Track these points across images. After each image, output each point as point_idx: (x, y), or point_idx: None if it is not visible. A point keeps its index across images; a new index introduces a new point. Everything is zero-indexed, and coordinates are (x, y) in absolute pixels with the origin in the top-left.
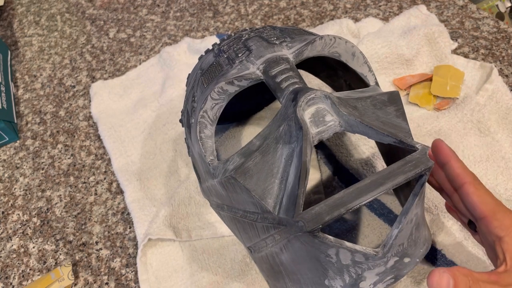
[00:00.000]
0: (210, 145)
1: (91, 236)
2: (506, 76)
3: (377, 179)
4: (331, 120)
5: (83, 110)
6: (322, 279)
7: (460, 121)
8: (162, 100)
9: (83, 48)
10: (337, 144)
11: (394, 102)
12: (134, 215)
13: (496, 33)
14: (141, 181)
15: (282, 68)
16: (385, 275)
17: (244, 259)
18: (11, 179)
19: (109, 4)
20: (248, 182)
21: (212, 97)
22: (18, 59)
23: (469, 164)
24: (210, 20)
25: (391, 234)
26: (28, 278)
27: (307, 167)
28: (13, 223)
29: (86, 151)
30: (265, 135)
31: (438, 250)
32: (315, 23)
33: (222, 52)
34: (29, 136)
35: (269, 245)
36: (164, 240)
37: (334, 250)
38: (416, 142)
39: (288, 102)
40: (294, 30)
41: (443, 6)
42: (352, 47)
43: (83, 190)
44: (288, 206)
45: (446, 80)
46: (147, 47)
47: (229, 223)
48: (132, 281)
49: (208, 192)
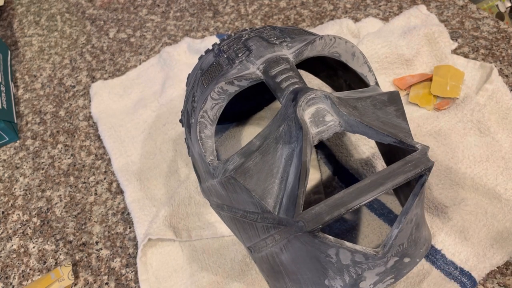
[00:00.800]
0: (210, 145)
1: (91, 236)
2: (506, 76)
3: (377, 179)
4: (331, 120)
5: (83, 110)
6: (322, 279)
7: (460, 121)
8: (162, 100)
9: (83, 48)
10: (337, 144)
11: (394, 102)
12: (134, 215)
13: (496, 33)
14: (141, 181)
15: (282, 68)
16: (385, 275)
17: (244, 259)
18: (11, 179)
19: (109, 4)
20: (248, 182)
21: (212, 97)
22: (18, 59)
23: (469, 164)
24: (210, 20)
25: (391, 234)
26: (28, 278)
27: (307, 167)
28: (13, 223)
29: (86, 151)
30: (265, 135)
31: (438, 250)
32: (315, 23)
33: (222, 52)
34: (29, 136)
35: (269, 245)
36: (164, 240)
37: (334, 250)
38: (416, 142)
39: (288, 102)
40: (294, 30)
41: (443, 6)
42: (352, 47)
43: (83, 190)
44: (288, 206)
45: (446, 80)
46: (147, 47)
47: (229, 223)
48: (132, 281)
49: (208, 192)
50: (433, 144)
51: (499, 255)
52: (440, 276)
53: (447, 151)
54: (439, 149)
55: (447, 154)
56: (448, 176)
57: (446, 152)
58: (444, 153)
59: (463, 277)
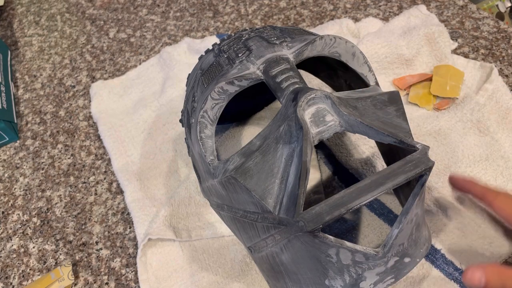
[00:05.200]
0: (210, 145)
1: (91, 236)
2: (506, 76)
3: (378, 179)
4: (332, 120)
5: (83, 110)
6: (322, 279)
7: (460, 121)
8: (162, 100)
9: (83, 48)
10: (337, 144)
11: (394, 102)
12: (134, 215)
13: (496, 33)
14: (141, 181)
15: (282, 68)
16: (385, 275)
17: (244, 259)
18: (11, 179)
19: (109, 4)
20: (248, 182)
21: (212, 97)
22: (18, 59)
23: (469, 163)
24: (210, 20)
25: (391, 234)
26: (28, 278)
27: (307, 167)
28: (13, 223)
29: (86, 151)
30: (265, 135)
31: (438, 250)
32: (315, 23)
33: (222, 52)
34: (29, 136)
35: (270, 245)
36: (164, 240)
37: (335, 250)
38: (416, 142)
39: (288, 102)
40: (294, 30)
41: (443, 6)
42: (352, 47)
43: (83, 190)
44: (288, 206)
45: (446, 80)
46: (147, 47)
47: (229, 223)
48: (132, 281)
49: (208, 192)
50: (433, 143)
51: (497, 255)
52: (440, 276)
53: (447, 151)
54: (439, 149)
55: (447, 153)
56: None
57: (446, 152)
58: (444, 153)
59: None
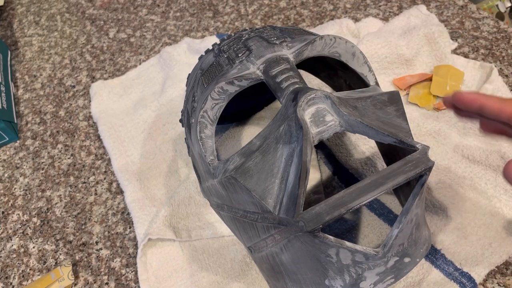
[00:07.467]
0: (210, 145)
1: (91, 236)
2: (506, 76)
3: (378, 179)
4: (331, 120)
5: (83, 110)
6: (322, 279)
7: (460, 121)
8: (162, 100)
9: (83, 48)
10: (337, 144)
11: (394, 102)
12: (134, 215)
13: (496, 33)
14: (141, 181)
15: (282, 68)
16: (385, 275)
17: (244, 259)
18: (11, 179)
19: (109, 4)
20: (248, 182)
21: (212, 97)
22: (18, 59)
23: (469, 163)
24: (210, 20)
25: (391, 234)
26: (28, 278)
27: (307, 167)
28: (13, 223)
29: (86, 151)
30: (265, 135)
31: (438, 250)
32: (315, 23)
33: (222, 52)
34: (29, 136)
35: (269, 245)
36: (164, 240)
37: (335, 250)
38: (416, 142)
39: (288, 102)
40: (294, 30)
41: (443, 6)
42: (352, 47)
43: (83, 190)
44: (288, 206)
45: (446, 80)
46: (147, 47)
47: (229, 223)
48: (132, 281)
49: (208, 192)
50: (433, 143)
51: (497, 255)
52: (440, 276)
53: (446, 151)
54: (438, 149)
55: (447, 153)
56: (447, 176)
57: (446, 152)
58: (443, 153)
59: (462, 277)
